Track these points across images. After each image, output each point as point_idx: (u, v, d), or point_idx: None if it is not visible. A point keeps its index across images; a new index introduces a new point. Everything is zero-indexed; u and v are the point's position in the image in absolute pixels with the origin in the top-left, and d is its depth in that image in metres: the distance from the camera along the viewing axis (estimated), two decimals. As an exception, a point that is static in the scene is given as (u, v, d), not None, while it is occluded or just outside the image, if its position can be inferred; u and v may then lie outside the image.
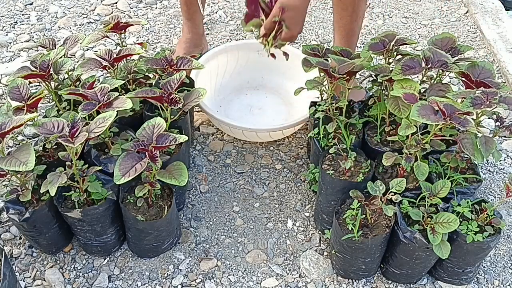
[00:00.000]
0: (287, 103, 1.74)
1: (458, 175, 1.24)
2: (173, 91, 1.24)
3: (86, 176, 1.15)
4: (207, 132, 1.67)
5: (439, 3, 2.30)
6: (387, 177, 1.29)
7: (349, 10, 1.48)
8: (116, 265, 1.30)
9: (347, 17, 1.50)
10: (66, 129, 1.10)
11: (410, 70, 1.22)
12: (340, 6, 1.49)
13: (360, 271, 1.25)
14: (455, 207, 1.18)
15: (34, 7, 2.14)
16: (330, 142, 1.34)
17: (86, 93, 1.19)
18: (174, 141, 1.11)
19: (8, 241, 1.32)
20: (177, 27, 2.07)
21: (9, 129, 1.06)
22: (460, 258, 1.19)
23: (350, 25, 1.52)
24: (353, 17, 1.51)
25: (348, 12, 1.49)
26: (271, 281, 1.29)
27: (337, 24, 1.55)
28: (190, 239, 1.36)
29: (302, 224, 1.42)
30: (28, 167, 1.02)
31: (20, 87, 1.22)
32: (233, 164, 1.57)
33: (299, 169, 1.56)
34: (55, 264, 1.29)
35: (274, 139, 1.63)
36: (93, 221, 1.20)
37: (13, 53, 1.90)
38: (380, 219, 1.20)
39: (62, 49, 1.31)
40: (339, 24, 1.54)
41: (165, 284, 1.27)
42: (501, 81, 1.86)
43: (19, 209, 1.18)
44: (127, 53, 1.33)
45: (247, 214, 1.44)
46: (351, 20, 1.51)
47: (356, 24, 1.54)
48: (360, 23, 1.56)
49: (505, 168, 1.59)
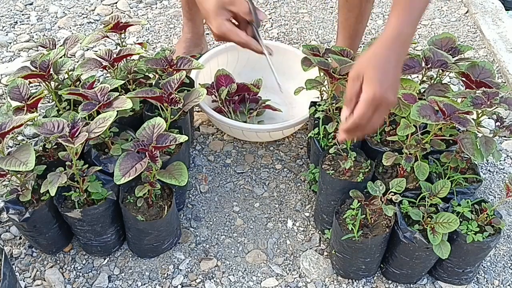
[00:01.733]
0: (287, 103, 1.74)
1: (458, 175, 1.24)
2: (173, 91, 1.24)
3: (86, 176, 1.15)
4: (207, 132, 1.67)
5: (439, 3, 2.30)
6: (387, 177, 1.29)
7: (355, 12, 1.47)
8: (116, 265, 1.30)
9: (352, 18, 1.49)
10: (66, 129, 1.10)
11: (409, 70, 1.22)
12: (346, 7, 1.48)
13: (360, 271, 1.25)
14: (455, 207, 1.18)
15: (34, 7, 2.14)
16: (330, 142, 1.34)
17: (86, 93, 1.19)
18: (174, 141, 1.11)
19: (8, 241, 1.32)
20: (177, 27, 2.07)
21: (9, 129, 1.06)
22: (460, 258, 1.19)
23: (355, 27, 1.52)
24: (359, 19, 1.50)
25: (354, 14, 1.48)
26: (271, 281, 1.29)
27: (341, 25, 1.54)
28: (190, 239, 1.37)
29: (302, 224, 1.42)
30: (28, 167, 1.02)
31: (20, 87, 1.22)
32: (233, 164, 1.57)
33: (299, 169, 1.56)
34: (55, 264, 1.29)
35: (274, 139, 1.63)
36: (93, 221, 1.20)
37: (13, 53, 1.90)
38: (380, 219, 1.20)
39: (62, 49, 1.31)
40: (344, 25, 1.53)
41: (165, 284, 1.27)
42: (501, 81, 1.86)
43: (19, 209, 1.18)
44: (127, 53, 1.33)
45: (247, 214, 1.44)
46: (356, 21, 1.50)
47: (361, 25, 1.53)
48: (365, 24, 1.55)
49: (505, 168, 1.59)
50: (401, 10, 0.98)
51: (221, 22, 1.03)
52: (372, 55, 0.96)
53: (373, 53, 0.97)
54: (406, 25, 0.97)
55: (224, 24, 1.04)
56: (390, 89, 0.93)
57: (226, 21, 1.04)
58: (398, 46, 0.97)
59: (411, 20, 0.98)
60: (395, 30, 0.97)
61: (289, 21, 2.14)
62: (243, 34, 1.06)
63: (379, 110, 0.94)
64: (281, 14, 2.17)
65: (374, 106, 0.93)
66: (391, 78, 0.94)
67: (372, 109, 0.93)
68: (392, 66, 0.95)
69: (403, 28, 0.97)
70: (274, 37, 2.06)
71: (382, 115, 0.96)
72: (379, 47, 0.97)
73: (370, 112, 0.93)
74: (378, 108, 0.93)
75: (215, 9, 1.03)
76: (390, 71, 0.94)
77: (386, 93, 0.92)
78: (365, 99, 0.93)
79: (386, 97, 0.92)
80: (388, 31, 0.98)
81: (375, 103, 0.92)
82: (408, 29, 0.98)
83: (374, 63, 0.95)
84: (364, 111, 0.93)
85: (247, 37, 1.07)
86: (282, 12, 2.18)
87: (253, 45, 1.09)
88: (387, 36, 0.97)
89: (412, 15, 0.98)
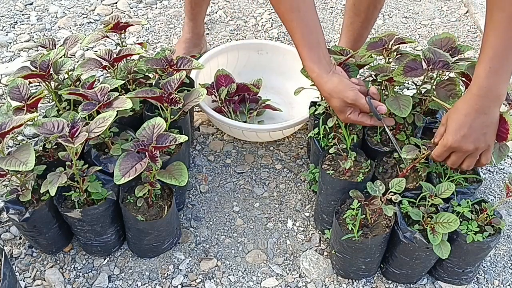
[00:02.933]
0: (287, 103, 1.74)
1: (458, 175, 1.24)
2: (173, 91, 1.24)
3: (86, 176, 1.15)
4: (207, 132, 1.67)
5: (439, 3, 2.30)
6: (387, 177, 1.29)
7: (362, 17, 1.47)
8: (116, 265, 1.30)
9: (358, 22, 1.49)
10: (66, 129, 1.10)
11: (412, 72, 1.21)
12: (353, 10, 1.48)
13: (360, 271, 1.25)
14: (455, 207, 1.18)
15: (34, 7, 2.14)
16: (330, 142, 1.34)
17: (86, 93, 1.19)
18: (174, 141, 1.11)
19: (8, 241, 1.32)
20: (177, 27, 2.07)
21: (9, 129, 1.06)
22: (460, 258, 1.19)
23: (359, 31, 1.51)
24: (364, 24, 1.49)
25: (360, 18, 1.47)
26: (271, 281, 1.29)
27: (346, 27, 1.53)
28: (190, 239, 1.36)
29: (302, 224, 1.42)
30: (28, 167, 1.02)
31: (20, 87, 1.22)
32: (233, 164, 1.57)
33: (299, 169, 1.56)
34: (55, 264, 1.29)
35: (274, 139, 1.63)
36: (93, 221, 1.20)
37: (13, 53, 1.90)
38: (380, 219, 1.20)
39: (62, 49, 1.31)
40: (349, 28, 1.52)
41: (165, 284, 1.27)
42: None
43: (19, 209, 1.18)
44: (127, 53, 1.33)
45: (247, 214, 1.44)
46: (361, 26, 1.50)
47: (366, 30, 1.52)
48: (370, 30, 1.55)
49: (505, 168, 1.59)
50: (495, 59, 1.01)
51: (347, 117, 1.18)
52: (454, 108, 1.09)
53: (455, 107, 1.09)
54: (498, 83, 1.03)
55: (350, 118, 1.18)
56: (465, 138, 1.06)
57: (351, 114, 1.18)
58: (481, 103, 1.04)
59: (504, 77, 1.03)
60: (483, 89, 1.03)
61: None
62: (368, 120, 1.19)
63: (457, 154, 1.10)
64: (281, 14, 2.17)
65: (448, 150, 1.10)
66: (467, 130, 1.06)
67: (447, 152, 1.11)
68: (470, 119, 1.05)
69: (491, 87, 1.02)
70: (274, 37, 2.06)
71: (461, 157, 1.11)
72: (461, 101, 1.08)
73: (445, 154, 1.11)
74: (455, 153, 1.10)
75: (340, 107, 1.17)
76: (467, 124, 1.05)
77: (460, 142, 1.06)
78: (440, 143, 1.11)
79: (461, 145, 1.07)
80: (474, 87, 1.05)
81: (449, 149, 1.10)
82: (499, 89, 1.03)
83: (453, 116, 1.08)
84: (439, 153, 1.12)
85: (372, 121, 1.19)
86: (282, 12, 2.18)
87: (379, 125, 1.21)
88: (472, 93, 1.05)
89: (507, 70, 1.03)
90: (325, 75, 1.14)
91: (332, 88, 1.14)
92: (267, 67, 1.77)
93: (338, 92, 1.14)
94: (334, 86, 1.14)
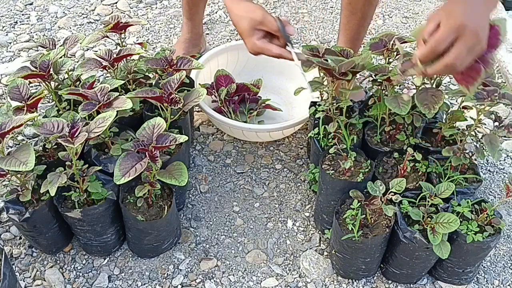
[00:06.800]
0: (287, 103, 1.74)
1: (458, 175, 1.24)
2: (173, 91, 1.24)
3: (86, 176, 1.15)
4: (207, 132, 1.67)
5: (439, 3, 2.30)
6: (387, 177, 1.29)
7: (358, 15, 1.47)
8: (116, 265, 1.30)
9: (355, 21, 1.49)
10: (66, 129, 1.10)
11: None
12: (349, 9, 1.47)
13: (360, 271, 1.25)
14: (455, 207, 1.18)
15: (34, 7, 2.14)
16: (330, 142, 1.34)
17: (86, 93, 1.19)
18: (174, 141, 1.11)
19: (8, 241, 1.32)
20: (177, 27, 2.07)
21: (9, 129, 1.06)
22: (460, 258, 1.19)
23: (356, 29, 1.51)
24: (361, 22, 1.49)
25: (356, 17, 1.47)
26: (271, 281, 1.29)
27: (343, 27, 1.53)
28: (190, 239, 1.37)
29: (302, 224, 1.42)
30: (28, 167, 1.02)
31: (20, 87, 1.22)
32: (233, 164, 1.57)
33: (299, 169, 1.56)
34: (55, 264, 1.29)
35: (274, 139, 1.63)
36: (93, 221, 1.20)
37: (13, 53, 1.90)
38: (380, 219, 1.20)
39: (62, 49, 1.31)
40: (346, 27, 1.52)
41: (165, 284, 1.27)
42: (501, 81, 1.86)
43: (19, 209, 1.18)
44: (127, 53, 1.33)
45: (247, 214, 1.44)
46: (358, 24, 1.49)
47: (363, 29, 1.52)
48: (367, 28, 1.54)
49: (505, 168, 1.59)
50: None
51: (253, 41, 1.14)
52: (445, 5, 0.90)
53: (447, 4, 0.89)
54: None
55: (256, 43, 1.14)
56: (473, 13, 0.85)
57: (258, 40, 1.14)
58: None
59: None
60: None
61: (289, 21, 2.14)
62: (274, 48, 1.15)
63: (460, 41, 0.85)
64: (281, 14, 2.17)
65: (454, 33, 0.85)
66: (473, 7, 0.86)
67: (452, 35, 0.85)
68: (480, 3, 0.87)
69: None
70: (274, 37, 2.06)
71: (462, 47, 0.85)
72: None
73: (449, 39, 0.85)
74: (460, 37, 0.85)
75: (247, 30, 1.14)
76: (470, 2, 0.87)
77: (472, 23, 0.84)
78: (445, 24, 0.86)
79: (471, 27, 0.84)
80: None
81: (456, 31, 0.85)
82: None
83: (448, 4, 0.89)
84: (443, 36, 0.86)
85: (278, 50, 1.15)
86: (282, 12, 2.18)
87: (285, 55, 1.17)
88: None
89: None
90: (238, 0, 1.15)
91: (241, 8, 1.14)
92: (267, 67, 1.77)
93: (247, 11, 1.13)
94: (244, 7, 1.14)
